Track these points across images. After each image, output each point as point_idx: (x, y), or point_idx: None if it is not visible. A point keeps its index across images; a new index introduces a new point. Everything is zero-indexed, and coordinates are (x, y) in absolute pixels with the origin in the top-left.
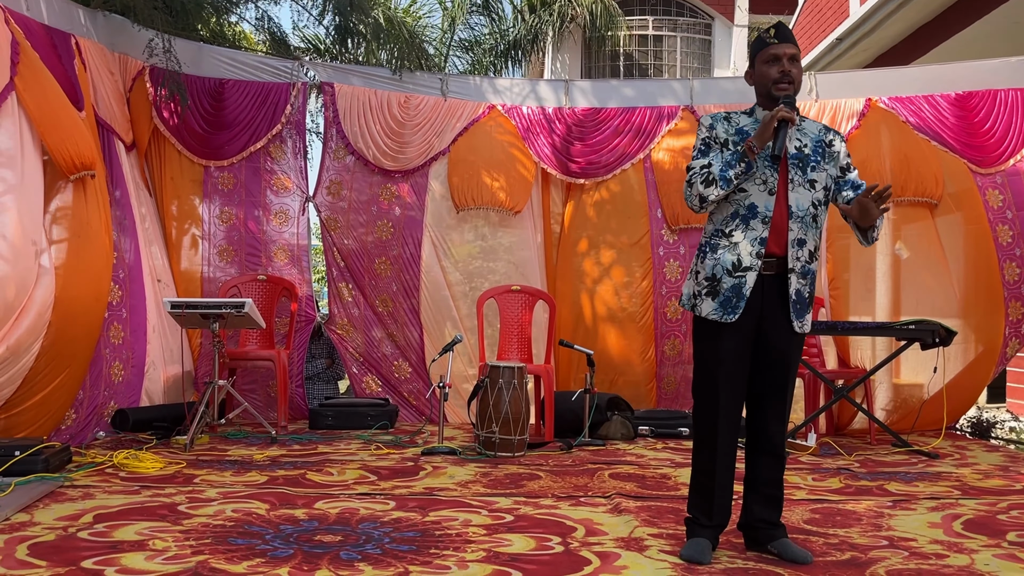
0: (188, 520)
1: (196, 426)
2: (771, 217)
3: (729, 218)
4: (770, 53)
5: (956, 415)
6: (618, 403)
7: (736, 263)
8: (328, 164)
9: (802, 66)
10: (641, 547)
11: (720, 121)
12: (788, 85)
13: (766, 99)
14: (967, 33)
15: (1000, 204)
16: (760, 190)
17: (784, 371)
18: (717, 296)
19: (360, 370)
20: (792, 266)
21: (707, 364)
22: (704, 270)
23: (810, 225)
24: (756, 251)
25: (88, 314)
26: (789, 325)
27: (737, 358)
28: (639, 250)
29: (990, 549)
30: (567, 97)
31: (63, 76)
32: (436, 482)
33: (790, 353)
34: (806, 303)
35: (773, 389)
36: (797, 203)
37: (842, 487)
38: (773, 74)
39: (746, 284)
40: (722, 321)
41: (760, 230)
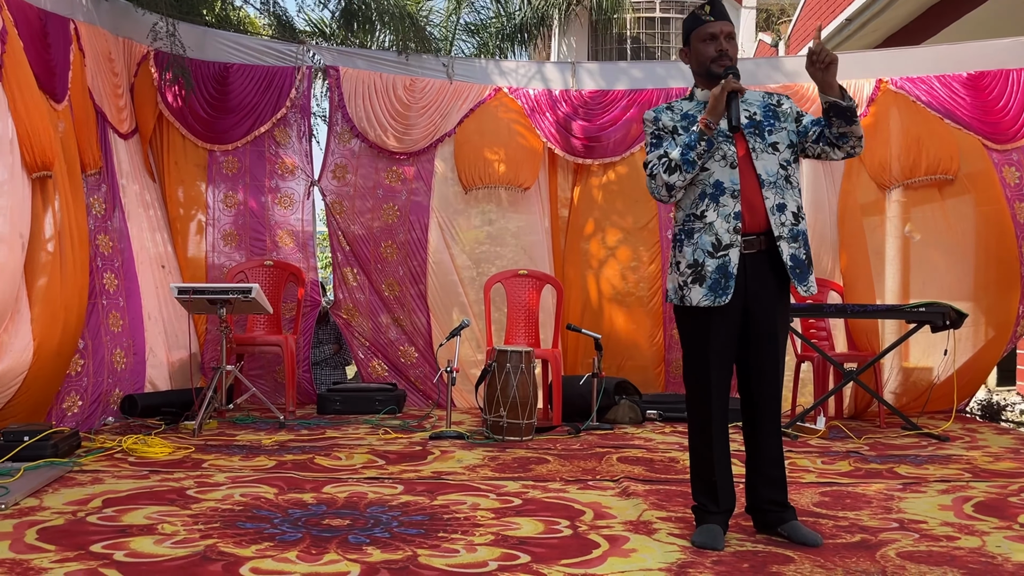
0: (197, 504)
1: (204, 411)
2: (739, 190)
3: (698, 199)
4: (707, 32)
5: (965, 395)
6: (626, 387)
7: (716, 243)
8: (333, 148)
9: (737, 43)
10: (650, 530)
11: (663, 112)
12: (727, 62)
13: (704, 78)
14: (978, 12)
15: (1017, 181)
16: (721, 165)
17: (775, 349)
18: (704, 281)
19: (366, 355)
20: (779, 233)
21: (698, 353)
22: (685, 258)
23: (785, 187)
24: (733, 226)
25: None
26: (774, 302)
27: (726, 342)
28: (647, 233)
29: (1001, 531)
30: (574, 79)
31: (44, 65)
32: (444, 466)
33: (777, 331)
34: (805, 266)
35: (765, 368)
36: (765, 169)
37: (852, 470)
38: (711, 52)
39: (731, 262)
40: (715, 306)
41: (732, 205)
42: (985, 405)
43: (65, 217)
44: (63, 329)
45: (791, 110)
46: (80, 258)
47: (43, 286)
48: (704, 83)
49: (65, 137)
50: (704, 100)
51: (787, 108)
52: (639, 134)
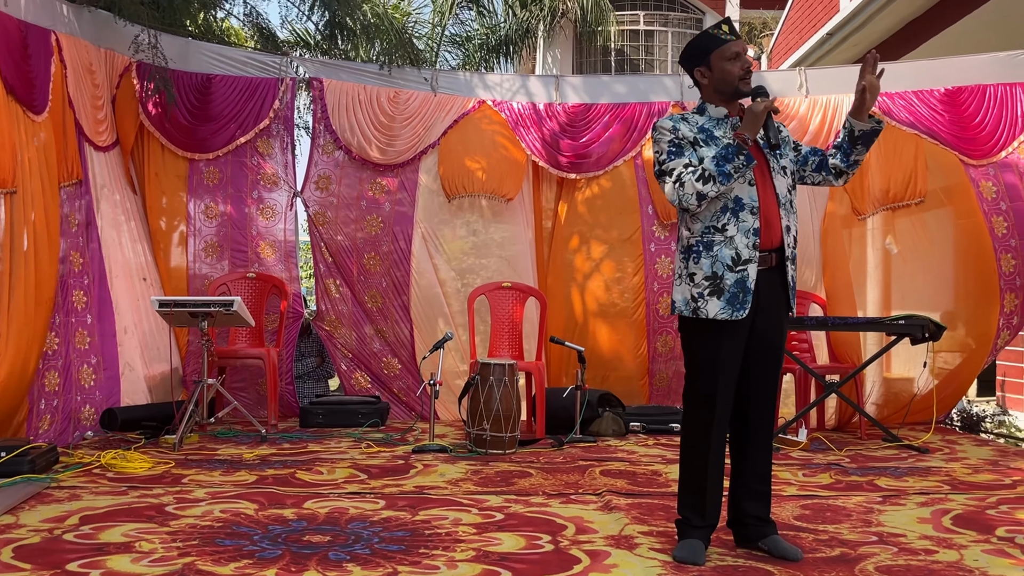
0: (175, 521)
1: (185, 425)
2: (758, 207)
3: (720, 212)
4: (732, 51)
5: (946, 406)
6: (609, 399)
7: (736, 257)
8: (316, 159)
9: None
10: (631, 545)
11: (680, 122)
12: (751, 80)
13: (728, 96)
14: (956, 28)
15: (994, 196)
16: (740, 182)
17: (776, 365)
18: (722, 294)
19: (349, 367)
20: (788, 254)
21: (706, 366)
22: (702, 270)
23: (791, 211)
24: (752, 243)
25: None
26: (781, 318)
27: (734, 356)
28: (631, 246)
29: (979, 544)
30: (558, 93)
31: (23, 76)
32: (427, 480)
33: (781, 346)
34: (793, 289)
35: (764, 383)
36: (782, 191)
37: (832, 483)
38: (737, 71)
39: (749, 277)
40: (733, 319)
41: (751, 221)
42: (965, 416)
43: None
44: (28, 345)
45: (789, 138)
46: (49, 273)
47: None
48: (722, 100)
49: (44, 150)
50: (718, 116)
51: (786, 135)
52: (622, 149)
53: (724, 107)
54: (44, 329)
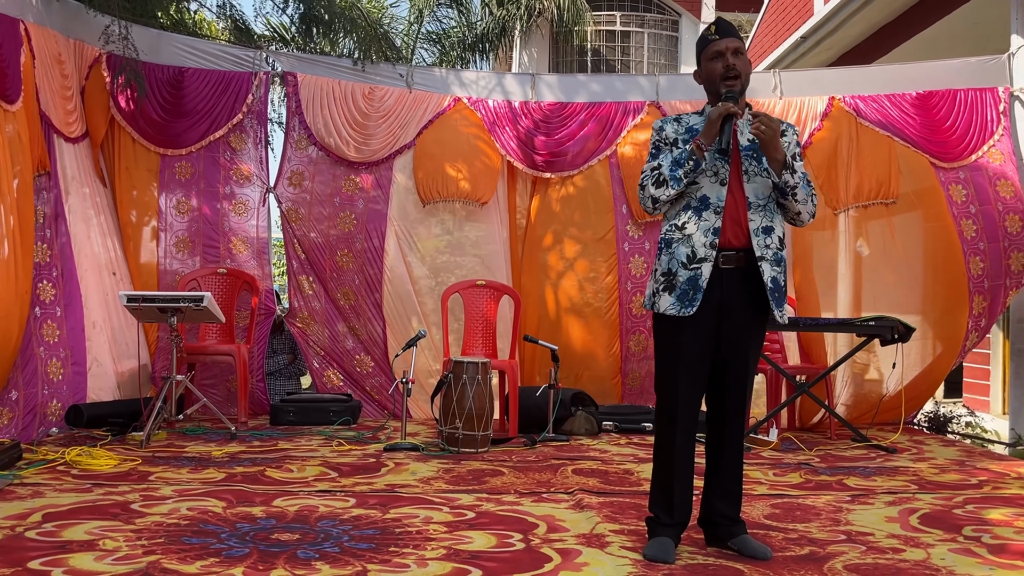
0: (141, 519)
1: (153, 422)
2: (723, 207)
3: (682, 211)
4: (713, 50)
5: (915, 407)
6: (582, 398)
7: (691, 255)
8: (290, 155)
9: (748, 58)
10: (602, 544)
11: (670, 123)
12: (735, 79)
13: (715, 96)
14: (928, 33)
15: (964, 199)
16: (712, 181)
17: (744, 366)
18: (674, 290)
19: (321, 364)
20: (762, 254)
21: (667, 361)
22: (661, 266)
23: (774, 212)
24: (710, 241)
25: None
26: (750, 319)
27: (698, 354)
28: (604, 245)
29: (946, 544)
30: (533, 91)
31: None
32: (398, 479)
33: (750, 347)
34: (783, 291)
35: (732, 384)
36: (755, 192)
37: (802, 482)
38: (718, 69)
39: (702, 276)
40: (680, 315)
41: (713, 220)
42: (932, 417)
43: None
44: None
45: (790, 145)
46: (25, 264)
47: None
48: (715, 100)
49: (17, 139)
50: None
51: (788, 140)
52: (597, 147)
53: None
54: (23, 322)
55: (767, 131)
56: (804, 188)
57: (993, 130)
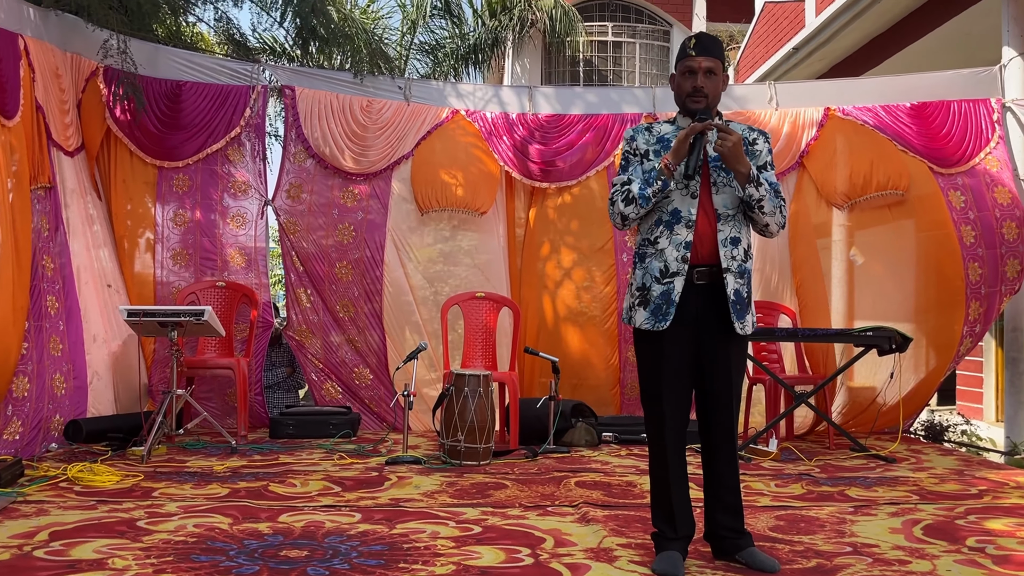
0: (148, 536)
1: (153, 437)
2: (695, 221)
3: (654, 225)
4: (687, 65)
5: (911, 414)
6: (582, 410)
7: (663, 269)
8: (288, 167)
9: (726, 76)
10: (611, 558)
11: (641, 132)
12: (702, 99)
13: (682, 107)
14: (920, 44)
15: (963, 205)
16: (683, 195)
17: (727, 377)
18: (648, 305)
19: (320, 377)
20: (727, 265)
21: (649, 377)
22: (636, 281)
23: (742, 223)
24: (682, 255)
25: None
26: (727, 331)
27: (677, 368)
28: (603, 255)
29: (951, 555)
30: (530, 103)
31: None
32: (402, 493)
33: (731, 357)
34: (745, 302)
35: (717, 397)
36: (723, 204)
37: (804, 493)
38: (687, 87)
39: (674, 290)
40: (654, 330)
41: (685, 234)
42: (928, 426)
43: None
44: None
45: (761, 154)
46: (21, 278)
47: None
48: (683, 113)
49: (15, 154)
50: (683, 127)
51: (759, 148)
52: (595, 158)
53: (689, 119)
54: (20, 336)
55: (727, 146)
56: (772, 200)
57: (989, 137)
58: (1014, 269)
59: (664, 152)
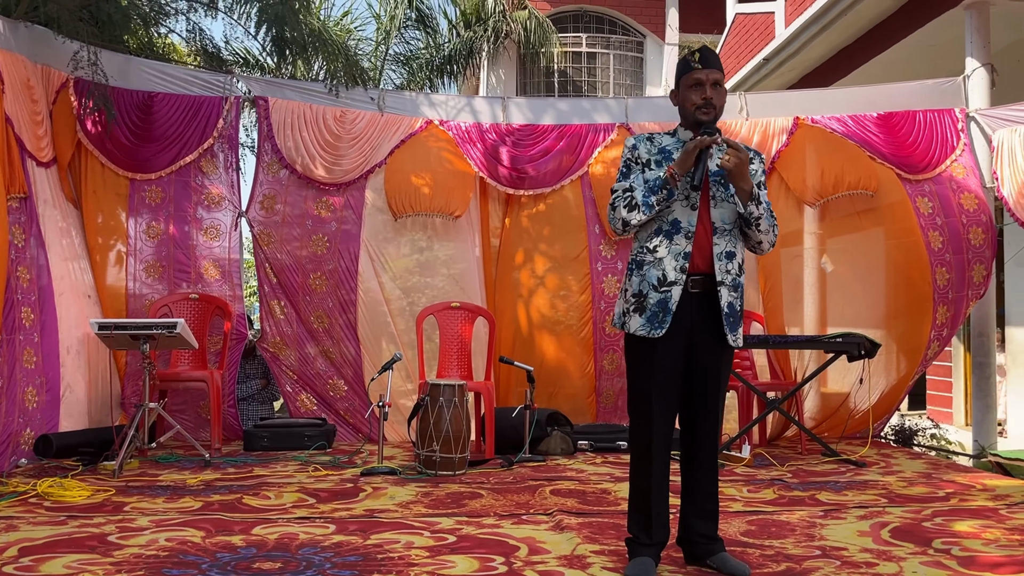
0: (119, 551)
1: (125, 451)
2: (694, 232)
3: (653, 234)
4: (694, 78)
5: (881, 417)
6: (558, 418)
7: (661, 278)
8: (261, 178)
9: (726, 89)
10: (584, 565)
11: (643, 142)
12: (711, 110)
13: (689, 122)
14: (887, 55)
15: (930, 211)
16: (683, 205)
17: (716, 387)
18: (644, 312)
19: (294, 388)
20: (722, 279)
21: (639, 382)
22: (632, 287)
23: (737, 238)
24: (680, 265)
25: None
26: (719, 340)
27: (669, 375)
28: (577, 264)
29: (917, 556)
30: (504, 113)
31: None
32: (376, 503)
33: (720, 368)
34: (738, 316)
35: (704, 404)
36: (721, 218)
37: (776, 498)
38: (695, 99)
39: (671, 299)
40: (650, 336)
41: (684, 244)
42: (898, 430)
43: None
44: None
45: (756, 173)
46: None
47: None
48: (688, 126)
49: None
50: (685, 139)
51: (754, 168)
52: (569, 167)
53: (691, 131)
54: None
55: (734, 162)
56: (767, 219)
57: (954, 145)
58: (980, 274)
59: (665, 163)
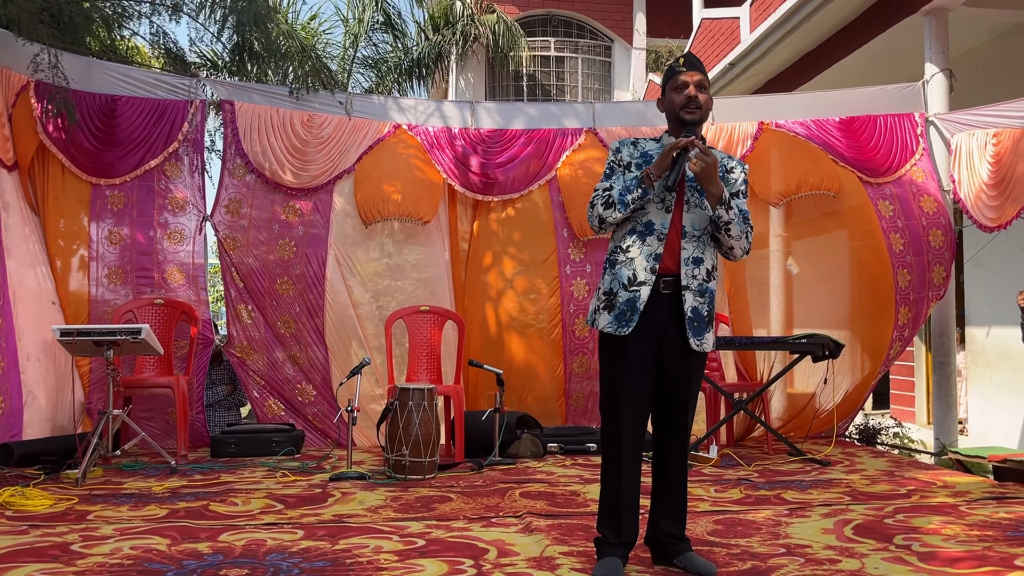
0: (82, 560)
1: (89, 459)
2: (666, 234)
3: (627, 234)
4: (679, 80)
5: (845, 416)
6: (527, 421)
7: (631, 277)
8: (227, 182)
9: (711, 95)
10: (552, 566)
11: (627, 145)
12: (696, 110)
13: (675, 124)
14: (848, 61)
15: (891, 214)
16: (658, 208)
17: (685, 388)
18: (613, 310)
19: (262, 394)
20: (687, 283)
21: (610, 382)
22: (604, 285)
23: (707, 244)
24: (651, 266)
25: None
26: (687, 343)
27: (639, 375)
28: (547, 267)
29: (879, 552)
30: (473, 117)
31: None
32: (345, 508)
33: (690, 370)
34: (704, 320)
35: (675, 405)
36: (692, 223)
37: (743, 497)
38: (680, 100)
39: (640, 298)
40: (617, 334)
41: (655, 246)
42: (862, 429)
43: None
44: None
45: (736, 182)
46: None
47: None
48: (674, 130)
49: None
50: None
51: (735, 176)
52: (537, 171)
53: (674, 138)
54: None
55: (701, 166)
56: (739, 225)
57: (914, 149)
58: (940, 275)
59: (647, 166)
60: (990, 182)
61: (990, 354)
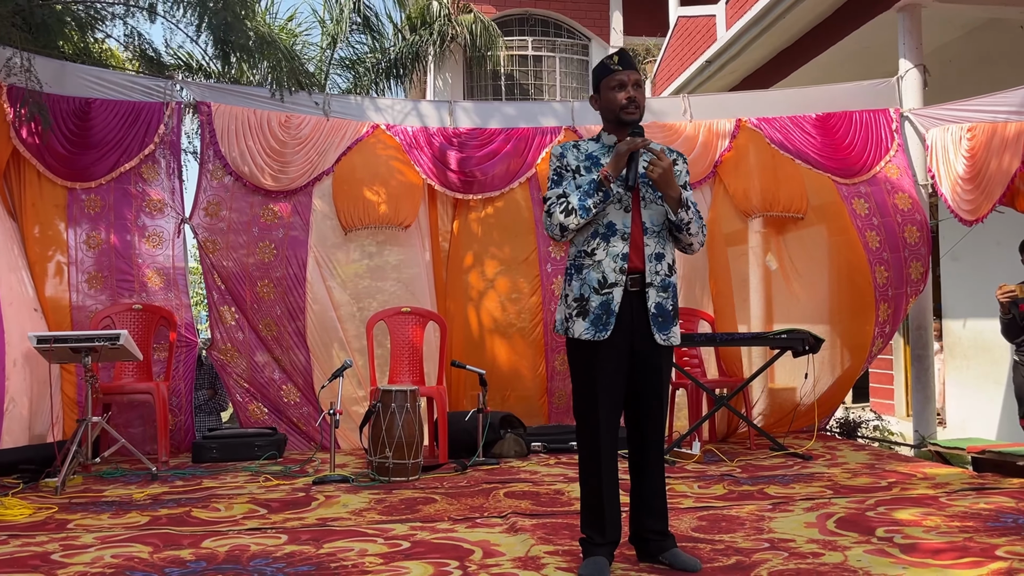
0: (63, 570)
1: (68, 467)
2: (629, 233)
3: (590, 237)
4: (616, 79)
5: (827, 413)
6: (511, 421)
7: (602, 280)
8: (205, 184)
9: (644, 91)
10: (538, 566)
11: (569, 149)
12: (636, 110)
13: (614, 124)
14: (824, 57)
15: (867, 212)
16: (616, 208)
17: (658, 384)
18: (587, 315)
19: (245, 397)
20: (651, 280)
21: (585, 386)
22: (572, 292)
23: (667, 239)
24: (619, 267)
25: None
26: (653, 338)
27: (613, 376)
28: (527, 266)
29: (861, 545)
30: (451, 117)
31: None
32: (329, 512)
33: (660, 365)
34: (669, 316)
35: (649, 402)
36: (651, 219)
37: (726, 493)
38: (620, 100)
39: (613, 300)
40: (595, 340)
41: (620, 246)
42: (843, 423)
43: None
44: None
45: (681, 175)
46: None
47: None
48: (613, 128)
49: None
50: (610, 144)
51: (679, 169)
52: (517, 169)
53: (615, 135)
54: None
55: (658, 172)
56: (696, 221)
57: (888, 146)
58: (918, 271)
59: (594, 168)
60: (965, 176)
61: (967, 346)
